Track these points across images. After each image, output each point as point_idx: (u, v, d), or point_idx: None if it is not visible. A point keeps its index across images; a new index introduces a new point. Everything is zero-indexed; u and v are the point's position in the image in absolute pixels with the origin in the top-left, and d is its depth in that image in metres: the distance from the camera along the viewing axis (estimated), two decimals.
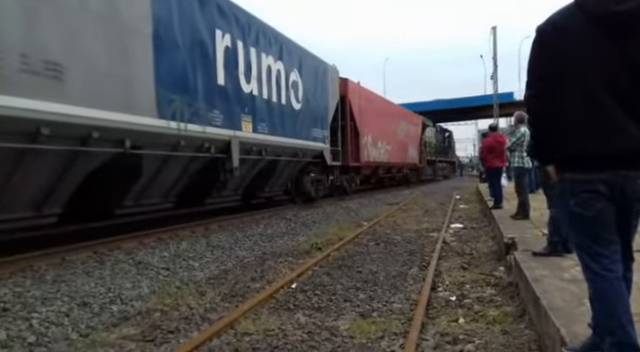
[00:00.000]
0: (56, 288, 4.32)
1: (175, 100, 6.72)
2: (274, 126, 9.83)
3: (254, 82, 9.03)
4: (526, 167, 7.53)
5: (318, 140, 12.28)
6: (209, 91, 7.59)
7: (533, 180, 9.44)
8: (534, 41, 1.99)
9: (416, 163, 24.88)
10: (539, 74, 1.97)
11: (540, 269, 3.71)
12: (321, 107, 12.71)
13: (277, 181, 11.20)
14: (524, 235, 5.46)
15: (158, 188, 7.30)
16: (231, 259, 5.94)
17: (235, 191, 9.64)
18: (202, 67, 7.41)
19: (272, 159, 9.94)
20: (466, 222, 9.11)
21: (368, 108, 16.57)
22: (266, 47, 9.57)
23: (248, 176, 9.55)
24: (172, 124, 6.67)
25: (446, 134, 37.10)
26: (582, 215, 1.92)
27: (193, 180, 8.01)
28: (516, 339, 2.97)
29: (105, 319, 3.62)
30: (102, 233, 6.77)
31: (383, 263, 5.46)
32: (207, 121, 7.51)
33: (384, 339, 3.08)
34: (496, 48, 27.66)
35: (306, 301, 3.97)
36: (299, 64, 11.27)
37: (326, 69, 13.17)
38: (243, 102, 8.66)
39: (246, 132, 8.72)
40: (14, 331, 3.27)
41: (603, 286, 1.88)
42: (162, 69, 6.45)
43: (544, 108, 1.96)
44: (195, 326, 3.41)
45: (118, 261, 5.52)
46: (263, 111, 9.40)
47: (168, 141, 6.74)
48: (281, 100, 10.25)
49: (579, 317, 2.50)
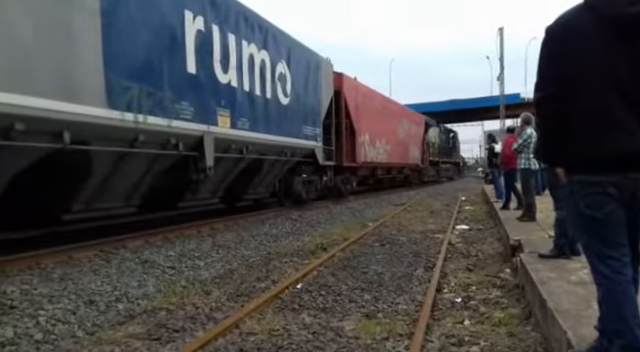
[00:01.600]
0: (63, 286, 4.34)
1: (132, 88, 5.80)
2: (257, 122, 8.88)
3: (233, 72, 8.09)
4: (533, 169, 7.49)
5: (309, 138, 11.36)
6: (176, 80, 6.67)
7: (539, 182, 9.40)
8: (543, 42, 1.97)
9: (418, 164, 24.19)
10: (549, 76, 1.95)
11: (546, 271, 3.69)
12: (313, 103, 11.75)
13: (263, 182, 10.32)
14: (530, 237, 5.43)
15: (116, 190, 6.41)
16: (237, 259, 5.95)
17: (213, 193, 8.76)
18: (168, 52, 6.48)
19: (255, 158, 9.09)
20: (472, 224, 9.08)
21: (365, 105, 15.83)
22: (248, 34, 8.60)
23: (228, 177, 8.75)
24: (127, 116, 5.73)
25: (450, 134, 36.43)
26: (592, 217, 1.90)
27: (161, 181, 7.17)
28: (522, 341, 2.95)
29: (111, 317, 3.64)
30: (108, 232, 6.80)
31: (388, 264, 5.45)
32: (173, 114, 6.57)
33: (389, 340, 3.07)
34: (503, 49, 27.58)
35: (311, 301, 3.97)
36: (287, 55, 10.29)
37: (319, 62, 12.21)
38: (219, 94, 7.71)
39: (223, 127, 7.78)
40: (21, 328, 3.29)
41: (613, 289, 1.87)
42: (114, 51, 5.53)
43: (554, 110, 1.93)
44: (200, 325, 3.42)
45: (124, 260, 5.55)
46: (244, 105, 8.47)
47: (123, 135, 5.83)
48: (266, 93, 9.29)
49: (586, 320, 2.49)
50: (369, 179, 18.40)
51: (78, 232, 6.68)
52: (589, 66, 1.85)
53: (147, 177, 6.77)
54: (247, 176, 9.46)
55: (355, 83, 15.35)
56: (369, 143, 16.13)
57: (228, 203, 10.14)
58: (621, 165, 1.83)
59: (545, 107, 1.98)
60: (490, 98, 37.33)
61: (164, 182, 7.27)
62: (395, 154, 19.66)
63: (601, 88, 1.83)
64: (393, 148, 19.23)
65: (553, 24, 1.95)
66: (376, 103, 17.50)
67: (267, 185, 10.70)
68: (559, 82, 1.90)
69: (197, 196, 8.17)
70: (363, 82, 16.57)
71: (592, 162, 1.87)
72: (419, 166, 24.52)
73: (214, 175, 7.70)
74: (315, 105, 11.92)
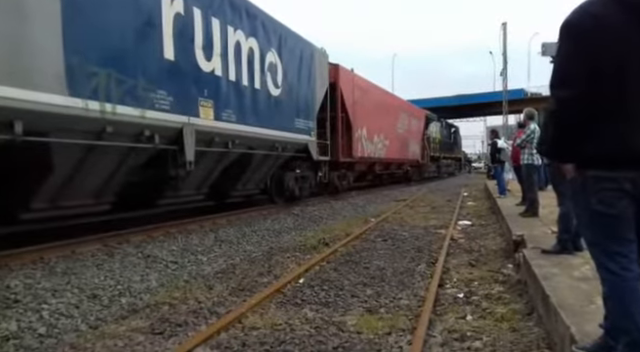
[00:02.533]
0: (66, 280, 4.36)
1: (98, 74, 5.23)
2: (244, 114, 8.26)
3: (217, 60, 7.47)
4: (536, 164, 7.47)
5: (302, 132, 10.70)
6: (151, 66, 6.07)
7: (542, 177, 9.38)
8: (567, 35, 1.84)
9: (418, 159, 23.53)
10: (579, 71, 1.80)
11: (549, 267, 3.68)
12: (306, 95, 11.06)
13: (252, 178, 9.71)
14: (533, 232, 5.42)
15: (84, 187, 5.86)
16: (239, 254, 5.97)
17: (197, 190, 8.16)
18: (141, 36, 5.89)
19: (243, 153, 8.53)
20: (474, 219, 9.07)
21: (363, 98, 15.18)
22: (235, 20, 7.97)
23: (213, 172, 8.17)
24: (93, 105, 5.14)
25: (452, 129, 35.72)
26: (604, 213, 1.86)
27: (138, 177, 6.66)
28: (524, 337, 2.95)
29: (114, 311, 3.66)
30: (111, 226, 6.82)
31: (390, 259, 5.45)
32: (148, 103, 5.97)
33: (391, 335, 3.08)
34: (506, 44, 27.49)
35: (313, 296, 3.98)
36: (278, 44, 9.60)
37: (313, 52, 11.48)
38: (201, 83, 7.09)
39: (205, 119, 7.16)
40: (25, 322, 3.31)
41: (621, 286, 1.85)
42: (77, 33, 4.97)
43: (582, 107, 1.82)
44: (203, 320, 3.43)
45: (127, 254, 5.57)
46: (229, 95, 7.84)
47: (88, 127, 5.25)
48: (254, 84, 8.63)
49: (589, 315, 2.48)
50: (367, 175, 17.93)
51: (81, 227, 6.70)
52: (618, 59, 1.75)
53: (120, 172, 6.19)
54: (235, 172, 8.88)
55: (352, 75, 14.68)
56: (366, 138, 15.56)
57: (215, 200, 9.51)
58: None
59: (572, 104, 1.83)
60: (493, 94, 37.25)
61: (141, 178, 6.76)
62: (394, 149, 19.13)
63: (630, 82, 1.75)
64: (392, 143, 18.70)
65: (578, 15, 1.82)
66: (374, 96, 16.86)
67: (257, 181, 10.10)
68: (590, 78, 1.78)
69: (179, 193, 7.62)
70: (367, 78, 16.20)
71: (614, 158, 1.81)
72: (419, 162, 23.97)
73: (197, 170, 7.20)
74: (309, 97, 11.25)
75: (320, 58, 12.00)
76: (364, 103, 15.27)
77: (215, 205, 9.60)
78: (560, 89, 1.88)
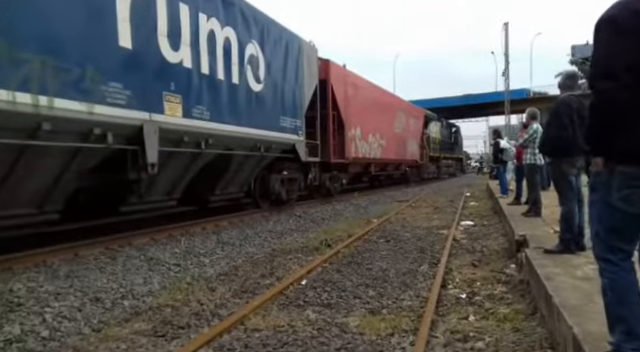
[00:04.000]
0: (69, 283, 4.37)
1: (30, 61, 4.44)
2: (220, 111, 7.46)
3: (186, 50, 6.61)
4: (538, 164, 7.45)
5: (288, 131, 9.93)
6: (102, 55, 5.26)
7: (545, 177, 9.35)
8: (609, 29, 1.88)
9: (417, 160, 22.78)
10: (623, 64, 1.83)
11: (552, 267, 3.67)
12: (292, 91, 10.24)
13: (233, 181, 8.90)
14: (535, 232, 5.40)
15: (20, 194, 5.08)
16: (241, 255, 5.97)
17: (168, 195, 7.37)
18: (88, 18, 5.09)
19: (220, 153, 7.75)
20: (476, 219, 9.05)
21: (356, 96, 14.43)
22: (207, 6, 7.15)
23: (186, 175, 7.39)
24: (22, 97, 4.38)
25: (453, 129, 35.03)
26: (623, 211, 1.89)
27: (91, 182, 5.90)
28: (527, 337, 2.94)
29: (117, 314, 3.67)
30: (114, 229, 6.83)
31: (393, 260, 5.44)
32: (97, 97, 5.17)
33: (394, 336, 3.08)
34: (508, 44, 27.50)
35: (316, 298, 3.98)
36: (260, 34, 8.76)
37: (300, 45, 10.63)
38: (167, 76, 6.23)
39: (171, 116, 6.30)
40: (28, 326, 3.32)
41: (619, 275, 1.91)
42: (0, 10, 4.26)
43: (625, 100, 1.83)
44: (205, 322, 3.44)
45: (130, 257, 5.58)
46: (202, 90, 7.00)
47: (16, 123, 4.49)
48: (232, 78, 7.80)
49: (592, 315, 2.48)
50: (362, 176, 17.22)
51: (84, 230, 6.72)
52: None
53: (67, 177, 5.41)
54: (212, 174, 8.15)
55: (344, 71, 13.89)
56: (361, 137, 14.86)
57: (194, 205, 8.78)
58: None
59: (613, 96, 1.85)
60: (496, 93, 37.23)
61: (96, 183, 6.00)
62: (391, 149, 18.36)
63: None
64: (389, 143, 17.96)
65: (618, 12, 1.87)
66: (369, 94, 16.06)
67: (240, 184, 9.29)
68: (633, 70, 1.81)
69: (146, 199, 6.86)
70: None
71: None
72: (418, 162, 23.17)
73: (165, 173, 6.49)
74: (296, 94, 10.40)
75: (308, 52, 11.11)
76: (358, 101, 14.62)
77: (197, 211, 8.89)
78: (602, 81, 1.89)
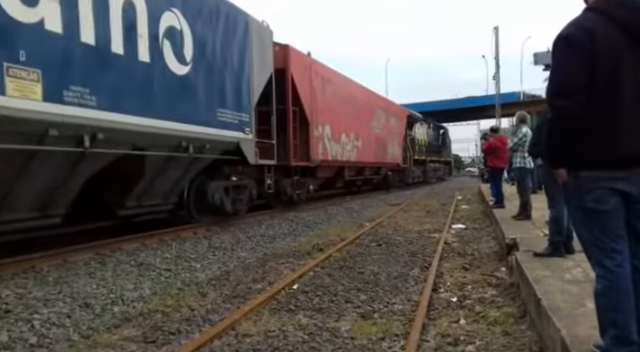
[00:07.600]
0: (58, 289, 4.32)
1: None
2: (118, 96, 5.55)
3: (49, 6, 4.66)
4: (528, 167, 7.52)
5: (230, 127, 7.98)
6: None
7: (535, 180, 9.43)
8: (564, 47, 1.98)
9: (399, 163, 20.91)
10: (579, 83, 1.95)
11: (541, 270, 3.70)
12: (237, 79, 8.25)
13: (152, 190, 6.95)
14: (526, 235, 5.45)
15: None
16: (233, 260, 5.95)
17: (41, 211, 5.35)
18: None
19: (125, 154, 5.96)
20: (468, 223, 9.10)
21: (325, 90, 12.56)
22: None
23: (67, 184, 5.41)
24: None
25: (441, 131, 33.34)
26: (598, 210, 1.99)
27: None
28: (517, 340, 2.96)
29: (106, 320, 3.63)
30: (104, 234, 6.78)
31: (384, 264, 5.46)
32: None
33: (385, 340, 3.08)
34: (498, 48, 27.71)
35: (307, 302, 3.97)
36: (185, 2, 6.79)
37: (248, 24, 8.57)
38: (12, 41, 4.33)
39: (20, 98, 4.38)
40: (16, 332, 3.27)
41: (614, 282, 1.95)
42: None
43: (581, 115, 1.96)
44: (196, 327, 3.42)
45: (120, 262, 5.53)
46: (82, 66, 5.07)
47: None
48: (137, 54, 5.88)
49: (580, 318, 2.50)
50: (335, 182, 15.46)
51: (73, 235, 6.66)
52: (612, 69, 1.92)
53: None
54: (118, 181, 6.32)
55: (309, 60, 11.80)
56: (331, 137, 12.93)
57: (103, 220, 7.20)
58: (634, 163, 1.95)
59: (573, 112, 1.97)
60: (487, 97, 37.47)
61: None
62: (368, 152, 16.49)
63: (622, 91, 1.92)
64: (365, 144, 16.04)
65: (573, 27, 1.98)
66: (341, 89, 14.08)
67: (165, 194, 7.35)
68: (589, 88, 1.93)
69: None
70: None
71: (607, 160, 1.96)
72: (400, 166, 21.25)
73: (24, 182, 4.88)
74: (241, 82, 8.38)
75: (260, 33, 9.11)
76: (327, 96, 12.74)
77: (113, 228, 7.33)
78: (558, 99, 2.02)
